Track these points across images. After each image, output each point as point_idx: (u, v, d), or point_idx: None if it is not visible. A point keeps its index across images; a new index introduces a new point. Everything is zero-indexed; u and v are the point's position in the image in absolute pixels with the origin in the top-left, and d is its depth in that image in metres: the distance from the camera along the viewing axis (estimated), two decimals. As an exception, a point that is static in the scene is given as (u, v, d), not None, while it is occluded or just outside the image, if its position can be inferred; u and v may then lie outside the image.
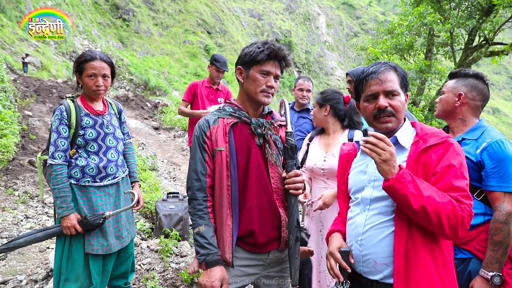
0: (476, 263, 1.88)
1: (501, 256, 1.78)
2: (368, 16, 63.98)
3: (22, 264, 3.75)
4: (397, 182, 1.36)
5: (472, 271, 1.88)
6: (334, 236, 1.68)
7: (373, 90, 1.55)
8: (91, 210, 2.41)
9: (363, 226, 1.54)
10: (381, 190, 1.50)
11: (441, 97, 2.15)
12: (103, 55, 2.48)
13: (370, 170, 1.59)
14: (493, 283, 1.76)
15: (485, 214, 1.90)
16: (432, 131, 1.56)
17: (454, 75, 2.18)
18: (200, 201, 1.78)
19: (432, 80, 12.53)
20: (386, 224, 1.49)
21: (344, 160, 1.78)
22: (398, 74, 1.58)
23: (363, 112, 1.63)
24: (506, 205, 1.82)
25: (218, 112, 1.87)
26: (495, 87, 67.59)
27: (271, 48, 1.76)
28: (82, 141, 2.41)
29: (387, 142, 1.40)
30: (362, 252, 1.53)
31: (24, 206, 5.32)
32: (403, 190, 1.35)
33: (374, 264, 1.50)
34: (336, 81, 49.35)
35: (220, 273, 1.70)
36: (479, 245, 1.88)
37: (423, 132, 1.57)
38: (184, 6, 37.71)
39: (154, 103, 16.48)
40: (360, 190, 1.61)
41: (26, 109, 10.49)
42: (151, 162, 8.14)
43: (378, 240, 1.49)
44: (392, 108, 1.53)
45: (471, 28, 12.34)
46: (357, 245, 1.55)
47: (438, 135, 1.51)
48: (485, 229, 1.87)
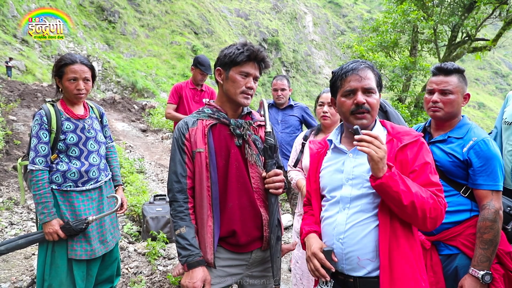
0: (462, 259, 1.90)
1: (491, 254, 1.80)
2: (354, 14, 64.45)
3: (7, 272, 3.69)
4: (390, 180, 1.39)
5: (459, 266, 1.90)
6: (312, 237, 1.67)
7: (352, 86, 1.58)
8: (74, 215, 2.39)
9: (345, 225, 1.55)
10: (360, 188, 1.53)
11: (451, 98, 1.99)
12: (83, 58, 2.47)
13: (347, 168, 1.60)
14: (484, 281, 1.77)
15: (471, 210, 1.92)
16: (404, 129, 1.62)
17: (450, 71, 2.03)
18: (181, 202, 1.78)
19: (417, 76, 12.70)
20: (368, 220, 1.52)
21: (315, 159, 1.79)
22: (375, 74, 1.62)
23: (339, 107, 1.65)
24: (494, 203, 1.84)
25: (197, 114, 1.88)
26: (480, 82, 68.74)
27: (251, 50, 1.77)
28: (63, 146, 2.39)
29: (381, 140, 1.43)
30: (344, 250, 1.55)
31: (8, 213, 5.24)
32: (395, 187, 1.39)
33: (357, 261, 1.52)
34: (324, 79, 49.63)
35: (202, 274, 1.70)
36: (465, 240, 1.90)
37: (395, 131, 1.62)
38: (170, 7, 37.50)
39: (142, 105, 16.36)
40: (336, 189, 1.62)
41: (10, 114, 10.32)
42: (139, 164, 8.08)
43: (361, 237, 1.52)
44: (369, 105, 1.56)
45: (454, 25, 12.56)
46: (339, 243, 1.56)
47: (411, 134, 1.57)
48: (471, 225, 1.90)
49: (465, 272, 1.86)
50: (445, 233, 1.93)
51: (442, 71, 2.05)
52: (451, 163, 1.95)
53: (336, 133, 1.75)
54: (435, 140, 2.06)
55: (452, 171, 1.95)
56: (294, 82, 44.85)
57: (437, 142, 2.05)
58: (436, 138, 2.06)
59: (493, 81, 71.49)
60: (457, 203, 1.94)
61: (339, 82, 1.63)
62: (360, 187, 1.54)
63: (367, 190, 1.53)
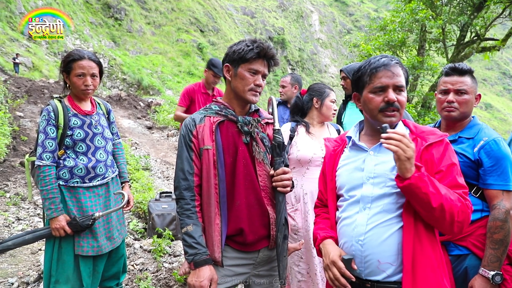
0: (472, 259, 1.88)
1: (501, 254, 1.78)
2: (361, 13, 64.09)
3: (14, 267, 3.72)
4: (419, 181, 1.33)
5: (469, 266, 1.89)
6: (329, 244, 1.58)
7: (383, 83, 1.50)
8: (81, 211, 2.39)
9: (366, 226, 1.48)
10: (383, 187, 1.47)
11: (467, 99, 1.99)
12: (90, 54, 2.46)
13: (367, 166, 1.54)
14: (494, 282, 1.75)
15: (482, 211, 1.91)
16: (428, 129, 1.56)
17: (464, 71, 2.03)
18: (188, 200, 1.76)
19: (425, 76, 12.61)
20: (391, 222, 1.45)
21: (331, 157, 1.72)
22: (404, 70, 1.56)
23: (367, 103, 1.55)
24: (505, 203, 1.83)
25: (204, 111, 1.86)
26: (487, 82, 68.12)
27: (261, 47, 1.75)
28: (70, 142, 2.39)
29: (409, 139, 1.37)
30: (364, 253, 1.47)
31: (15, 208, 5.28)
32: (424, 189, 1.33)
33: (377, 264, 1.45)
34: (329, 78, 49.43)
35: (209, 272, 1.69)
36: (476, 241, 1.88)
37: (419, 130, 1.56)
38: (176, 5, 37.51)
39: (147, 102, 16.39)
40: (356, 188, 1.55)
41: (17, 110, 10.39)
42: (144, 161, 8.10)
43: (383, 239, 1.45)
44: (398, 103, 1.50)
45: (462, 24, 12.44)
46: (358, 245, 1.48)
47: (436, 133, 1.52)
48: (482, 225, 1.89)
49: (475, 273, 1.84)
50: None
51: (456, 71, 2.03)
52: (462, 163, 1.93)
53: (355, 130, 1.68)
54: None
55: (463, 171, 1.93)
56: (300, 81, 44.66)
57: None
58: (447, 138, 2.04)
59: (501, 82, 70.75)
60: None
61: (367, 78, 1.54)
62: (383, 186, 1.47)
63: (390, 189, 1.46)
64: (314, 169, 2.69)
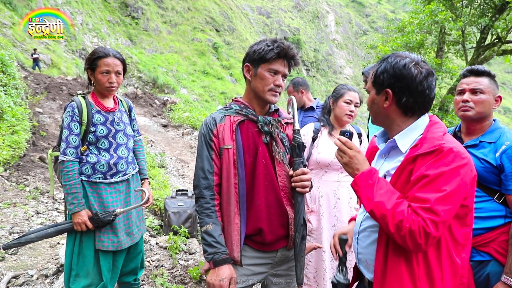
0: (495, 266, 1.86)
1: None
2: (377, 14, 63.41)
3: (33, 259, 3.81)
4: (354, 184, 1.42)
5: (491, 273, 1.86)
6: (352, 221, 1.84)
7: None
8: (102, 206, 2.43)
9: (359, 226, 1.57)
10: None
11: (483, 98, 1.94)
12: (115, 52, 2.50)
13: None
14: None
15: (506, 217, 1.88)
16: (432, 136, 1.38)
17: (481, 72, 2.00)
18: (208, 199, 1.77)
19: (443, 79, 12.38)
20: (375, 228, 1.47)
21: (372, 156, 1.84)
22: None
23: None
24: None
25: (225, 110, 1.87)
26: (507, 86, 66.54)
27: (281, 47, 1.74)
28: (93, 138, 2.43)
29: (348, 146, 1.46)
30: (357, 250, 1.57)
31: (35, 202, 5.40)
32: (358, 192, 1.40)
33: (365, 264, 1.52)
34: (344, 79, 49.04)
35: (229, 272, 1.70)
36: (498, 247, 1.85)
37: (424, 136, 1.42)
38: (192, 4, 37.75)
39: (163, 100, 16.56)
40: None
41: (36, 106, 10.61)
42: (160, 159, 8.19)
43: (368, 243, 1.50)
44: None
45: (483, 26, 12.16)
46: (355, 242, 1.59)
47: (432, 142, 1.34)
48: (505, 231, 1.86)
49: (497, 280, 1.82)
50: (477, 239, 1.88)
51: (472, 72, 2.02)
52: (484, 169, 1.89)
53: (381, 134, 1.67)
54: (467, 145, 2.00)
55: (485, 176, 1.90)
56: (314, 82, 44.48)
57: (468, 147, 1.98)
58: (468, 143, 2.00)
59: (521, 85, 69.07)
60: (490, 209, 1.89)
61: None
62: None
63: None
64: (333, 172, 2.67)
